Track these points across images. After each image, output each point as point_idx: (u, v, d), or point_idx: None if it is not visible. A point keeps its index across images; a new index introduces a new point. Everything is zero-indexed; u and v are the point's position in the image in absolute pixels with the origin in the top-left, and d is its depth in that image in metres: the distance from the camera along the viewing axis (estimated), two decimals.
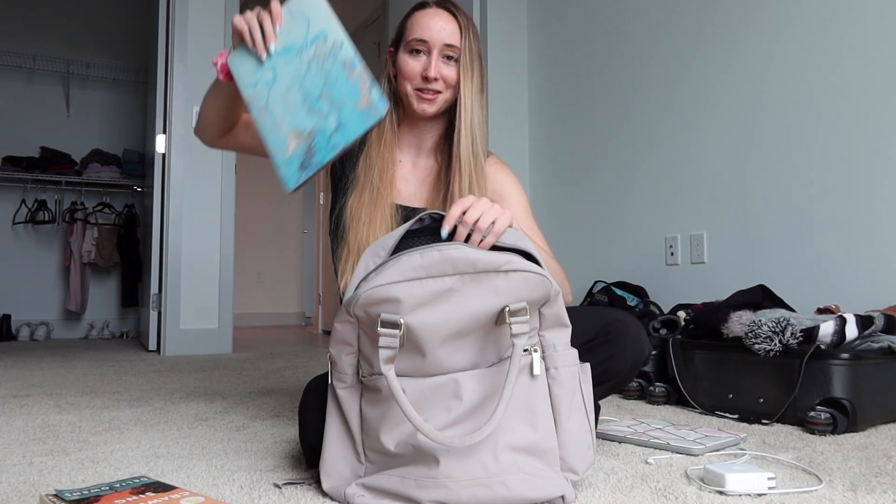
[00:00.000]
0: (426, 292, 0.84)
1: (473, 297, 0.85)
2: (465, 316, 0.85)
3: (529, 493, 0.84)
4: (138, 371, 2.61)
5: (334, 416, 0.95)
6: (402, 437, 0.86)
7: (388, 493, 0.86)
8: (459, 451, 0.84)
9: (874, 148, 1.90)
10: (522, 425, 0.87)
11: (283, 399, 1.89)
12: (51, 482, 1.03)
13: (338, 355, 0.93)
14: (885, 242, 1.86)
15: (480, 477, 0.83)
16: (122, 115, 5.10)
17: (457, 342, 0.88)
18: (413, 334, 0.85)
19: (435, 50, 1.24)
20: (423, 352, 0.87)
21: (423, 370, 0.88)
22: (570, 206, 3.07)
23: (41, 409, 1.71)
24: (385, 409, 0.89)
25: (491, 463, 0.84)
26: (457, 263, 0.84)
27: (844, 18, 1.98)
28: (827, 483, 1.01)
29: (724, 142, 2.34)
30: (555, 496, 0.86)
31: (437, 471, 0.83)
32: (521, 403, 0.88)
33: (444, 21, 1.25)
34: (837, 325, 1.49)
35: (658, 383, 1.78)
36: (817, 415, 1.40)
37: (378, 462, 0.90)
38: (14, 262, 4.74)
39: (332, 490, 0.91)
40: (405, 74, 1.26)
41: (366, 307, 0.85)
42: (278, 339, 4.53)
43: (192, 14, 3.51)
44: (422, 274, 0.84)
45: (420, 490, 0.84)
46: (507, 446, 0.85)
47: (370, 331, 0.88)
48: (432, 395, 0.87)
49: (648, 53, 2.68)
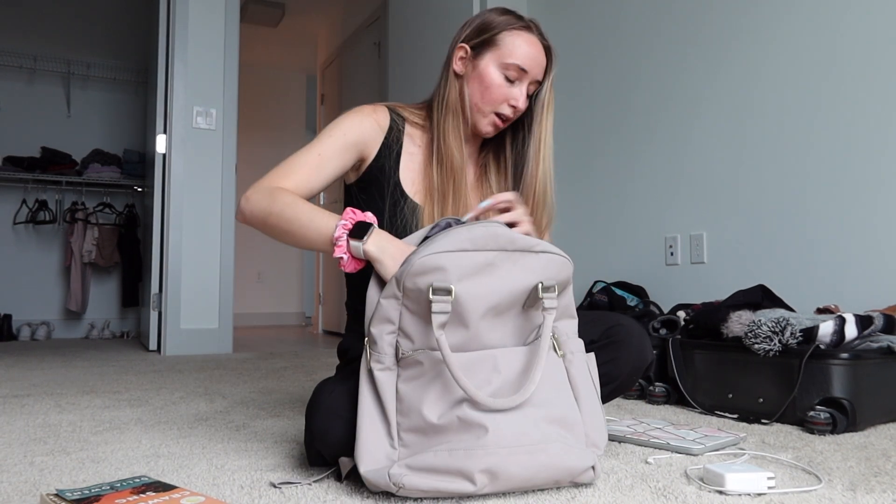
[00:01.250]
0: (471, 263, 0.91)
1: (511, 273, 0.93)
2: (503, 290, 0.93)
3: (566, 461, 0.89)
4: (139, 371, 2.61)
5: (368, 400, 0.94)
6: (445, 407, 0.90)
7: (436, 469, 0.86)
8: (505, 419, 0.88)
9: (874, 148, 1.90)
10: (554, 398, 0.94)
11: (284, 399, 1.89)
12: (51, 482, 1.03)
13: (379, 335, 0.95)
14: (885, 242, 1.86)
15: (525, 444, 0.87)
16: (122, 116, 5.11)
17: (495, 320, 0.94)
18: (458, 304, 0.91)
19: (527, 81, 1.20)
20: (467, 323, 0.92)
21: (466, 345, 0.93)
22: (570, 206, 3.07)
23: (42, 409, 1.72)
24: (427, 382, 0.92)
25: (533, 431, 0.88)
26: (498, 239, 0.93)
27: (844, 17, 1.98)
28: (826, 483, 1.01)
29: (724, 142, 2.34)
30: (587, 466, 0.92)
31: (486, 439, 0.86)
32: (551, 380, 0.95)
33: (543, 56, 1.22)
34: (837, 325, 1.49)
35: (658, 383, 1.78)
36: (817, 414, 1.40)
37: (414, 444, 0.90)
38: (15, 263, 4.74)
39: (371, 473, 0.89)
40: (491, 96, 1.19)
41: (416, 276, 0.90)
42: (278, 339, 4.53)
43: (192, 14, 3.51)
44: (468, 246, 0.91)
45: (471, 460, 0.85)
46: (543, 419, 0.90)
47: (414, 305, 0.92)
48: (474, 368, 0.92)
49: (648, 53, 2.68)
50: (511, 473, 0.86)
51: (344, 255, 1.01)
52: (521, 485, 0.89)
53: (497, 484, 0.87)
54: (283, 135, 6.71)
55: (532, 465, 0.87)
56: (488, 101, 1.20)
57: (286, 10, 5.46)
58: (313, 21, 5.72)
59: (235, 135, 3.58)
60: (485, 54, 1.21)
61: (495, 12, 1.24)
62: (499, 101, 1.20)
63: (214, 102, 3.54)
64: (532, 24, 1.23)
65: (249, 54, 6.33)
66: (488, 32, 1.21)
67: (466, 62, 1.23)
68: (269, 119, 6.73)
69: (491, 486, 0.87)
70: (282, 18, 5.59)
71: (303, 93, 6.94)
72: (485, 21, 1.23)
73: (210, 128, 3.51)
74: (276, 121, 6.75)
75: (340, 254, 1.01)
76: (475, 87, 1.21)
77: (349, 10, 5.18)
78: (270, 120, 6.73)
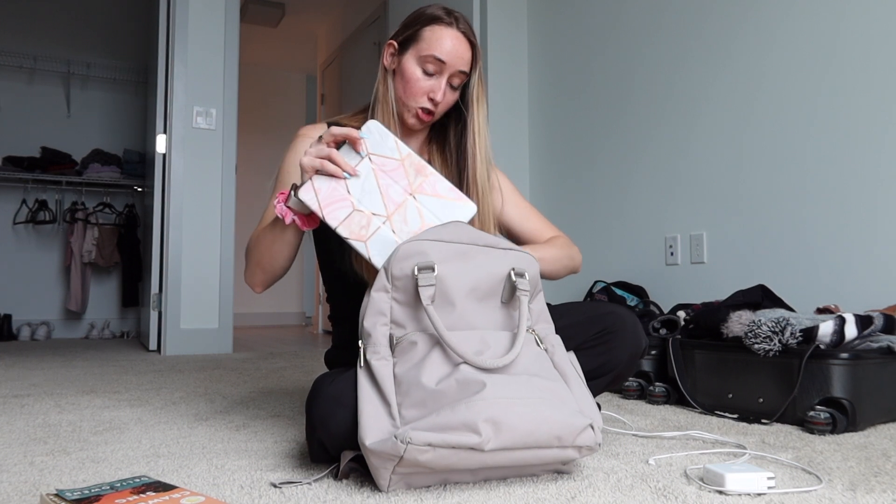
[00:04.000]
0: (449, 250, 1.01)
1: (485, 261, 1.03)
2: (481, 272, 1.01)
3: (564, 416, 0.92)
4: (139, 371, 2.61)
5: (367, 387, 0.95)
6: (443, 374, 0.93)
7: (441, 426, 0.86)
8: (502, 379, 0.92)
9: (874, 148, 1.90)
10: (545, 373, 0.99)
11: (284, 399, 1.89)
12: (51, 482, 1.03)
13: (372, 327, 0.99)
14: (885, 242, 1.86)
15: (524, 396, 0.91)
16: (122, 115, 5.11)
17: (478, 304, 1.02)
18: (442, 282, 0.98)
19: (447, 74, 1.23)
20: (453, 301, 0.99)
21: (454, 324, 0.98)
22: (570, 206, 3.07)
23: (42, 409, 1.72)
24: (423, 358, 0.95)
25: (528, 391, 0.93)
26: (470, 233, 1.03)
27: (846, 17, 1.98)
28: (826, 483, 1.01)
29: (724, 141, 2.34)
30: (585, 424, 0.94)
31: (485, 392, 0.89)
32: (538, 364, 0.99)
33: (465, 49, 1.24)
34: (837, 325, 1.49)
35: (658, 383, 1.78)
36: (817, 414, 1.40)
37: (415, 417, 0.90)
38: (15, 263, 4.74)
39: (378, 444, 0.88)
40: (411, 89, 1.24)
41: (401, 261, 0.98)
42: (278, 339, 4.53)
43: (192, 14, 3.51)
44: (445, 237, 1.01)
45: (472, 411, 0.87)
46: (537, 386, 0.95)
47: (403, 295, 0.99)
48: (464, 342, 0.97)
49: (648, 53, 2.68)
50: (513, 424, 0.88)
51: (292, 217, 1.09)
52: (524, 439, 0.89)
53: (501, 437, 0.87)
54: (283, 135, 6.70)
55: (533, 418, 0.89)
56: (410, 95, 1.25)
57: (286, 9, 5.46)
58: (313, 21, 5.72)
59: (235, 135, 3.58)
60: (408, 49, 1.26)
61: (431, 8, 1.27)
62: (419, 95, 1.24)
63: (214, 102, 3.54)
64: (456, 19, 1.25)
65: (249, 54, 6.33)
66: (412, 28, 1.26)
67: (394, 58, 1.28)
68: (269, 119, 6.73)
69: (496, 439, 0.87)
70: (282, 18, 5.59)
71: (303, 93, 6.94)
72: (412, 17, 1.28)
73: (210, 128, 3.51)
74: (276, 121, 6.75)
75: (290, 218, 1.09)
76: (399, 81, 1.26)
77: (349, 9, 5.18)
78: (270, 120, 6.73)
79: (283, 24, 5.74)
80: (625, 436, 1.37)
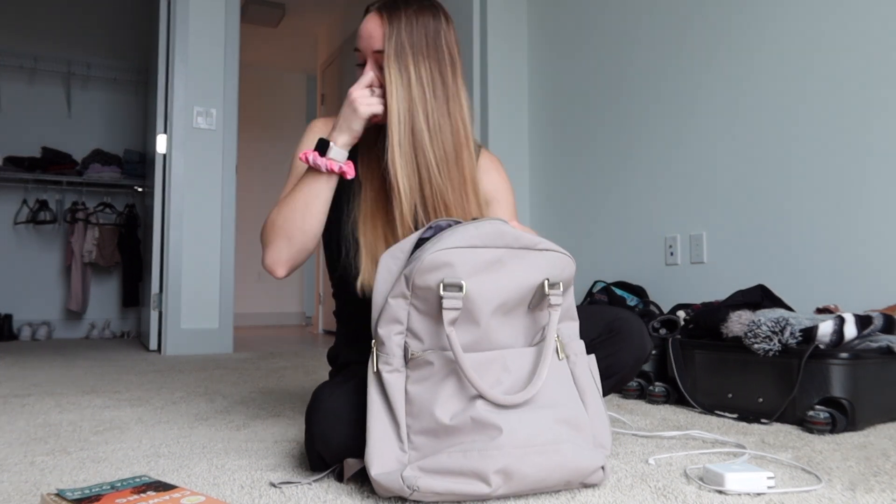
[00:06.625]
0: (479, 261, 0.91)
1: (518, 270, 0.94)
2: (511, 286, 0.93)
3: (578, 462, 0.90)
4: (139, 371, 2.61)
5: (377, 402, 0.92)
6: (458, 408, 0.89)
7: (451, 471, 0.85)
8: (518, 419, 0.88)
9: (874, 148, 1.90)
10: (562, 399, 0.94)
11: (284, 399, 1.89)
12: (52, 481, 1.03)
13: (387, 335, 0.93)
14: (884, 242, 1.86)
15: (538, 445, 0.88)
16: (122, 116, 5.11)
17: (504, 318, 0.95)
18: (469, 300, 0.91)
19: (370, 60, 1.19)
20: (477, 320, 0.92)
21: (477, 344, 0.93)
22: (570, 206, 3.07)
23: (42, 409, 1.72)
24: (438, 382, 0.91)
25: (545, 431, 0.89)
26: (504, 236, 0.93)
27: (846, 16, 1.98)
28: (826, 482, 1.01)
29: (724, 141, 2.34)
30: (596, 466, 0.92)
31: (500, 440, 0.86)
32: (557, 381, 0.96)
33: (374, 25, 1.17)
34: (836, 325, 1.49)
35: (658, 383, 1.78)
36: (816, 414, 1.40)
37: (425, 446, 0.89)
38: (15, 263, 4.74)
39: (382, 477, 0.87)
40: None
41: (426, 273, 0.90)
42: (279, 339, 4.54)
43: (192, 14, 3.51)
44: (477, 242, 0.92)
45: (486, 461, 0.85)
46: (553, 419, 0.91)
47: (423, 304, 0.92)
48: (485, 368, 0.92)
49: (647, 52, 2.68)
50: (525, 474, 0.86)
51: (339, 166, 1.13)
52: (533, 485, 0.89)
53: (511, 485, 0.87)
54: (283, 135, 6.71)
55: (546, 466, 0.87)
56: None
57: (286, 10, 5.47)
58: (313, 21, 5.72)
59: (236, 135, 3.58)
60: None
61: None
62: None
63: (214, 102, 3.54)
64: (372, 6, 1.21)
65: (249, 54, 6.33)
66: None
67: None
68: (269, 119, 6.73)
69: (505, 487, 0.87)
70: (282, 18, 5.59)
71: (303, 93, 6.94)
72: None
73: (210, 128, 3.52)
74: (276, 121, 6.75)
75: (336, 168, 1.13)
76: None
77: (349, 10, 5.18)
78: (270, 120, 6.74)
79: (283, 24, 5.74)
80: (625, 435, 1.37)
